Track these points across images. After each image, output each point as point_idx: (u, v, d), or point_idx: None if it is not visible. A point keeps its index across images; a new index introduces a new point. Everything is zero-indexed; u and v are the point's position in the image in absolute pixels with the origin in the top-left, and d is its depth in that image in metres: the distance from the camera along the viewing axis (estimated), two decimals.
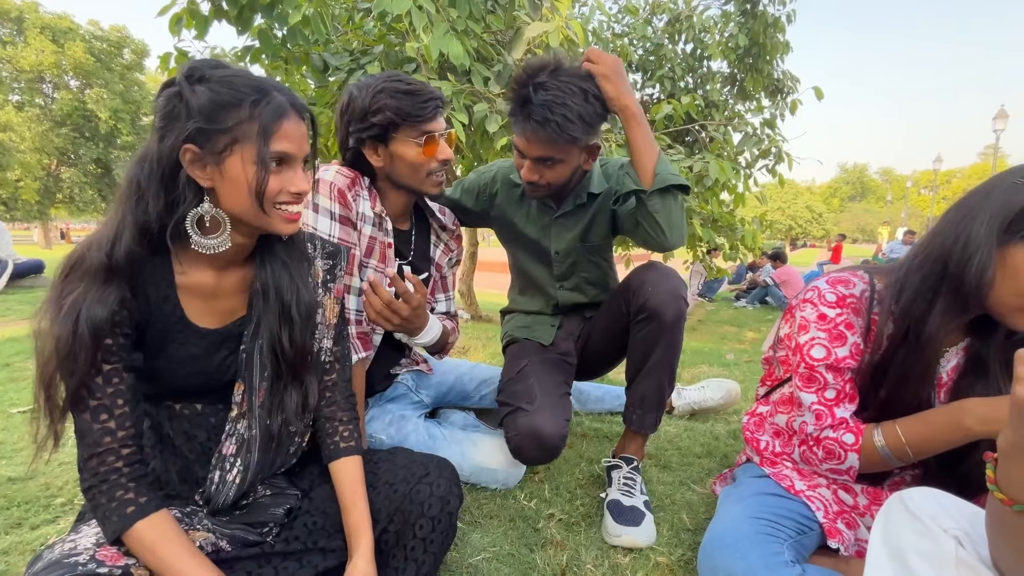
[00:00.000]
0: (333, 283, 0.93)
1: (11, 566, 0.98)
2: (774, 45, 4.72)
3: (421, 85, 1.15)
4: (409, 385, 1.52)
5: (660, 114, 3.66)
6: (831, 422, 0.97)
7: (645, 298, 1.24)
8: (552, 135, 1.16)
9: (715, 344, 3.92)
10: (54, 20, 18.10)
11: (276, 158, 0.72)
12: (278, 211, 0.75)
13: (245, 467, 0.82)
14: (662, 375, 1.29)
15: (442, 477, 0.88)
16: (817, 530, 0.96)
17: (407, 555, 0.84)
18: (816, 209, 43.91)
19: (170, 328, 0.76)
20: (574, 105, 1.14)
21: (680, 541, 1.14)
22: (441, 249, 1.43)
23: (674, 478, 1.43)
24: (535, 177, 1.27)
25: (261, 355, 0.81)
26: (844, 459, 0.95)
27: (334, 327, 0.93)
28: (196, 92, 0.69)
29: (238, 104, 0.70)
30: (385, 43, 2.45)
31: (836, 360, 0.97)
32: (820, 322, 0.99)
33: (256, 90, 0.71)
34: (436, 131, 1.16)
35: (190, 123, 0.69)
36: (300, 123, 0.75)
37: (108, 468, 0.70)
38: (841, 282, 1.00)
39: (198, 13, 2.25)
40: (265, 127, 0.70)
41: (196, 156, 0.71)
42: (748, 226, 3.79)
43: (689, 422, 1.86)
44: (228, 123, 0.70)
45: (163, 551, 0.68)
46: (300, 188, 0.75)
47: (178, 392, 0.80)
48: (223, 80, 0.71)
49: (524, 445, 1.20)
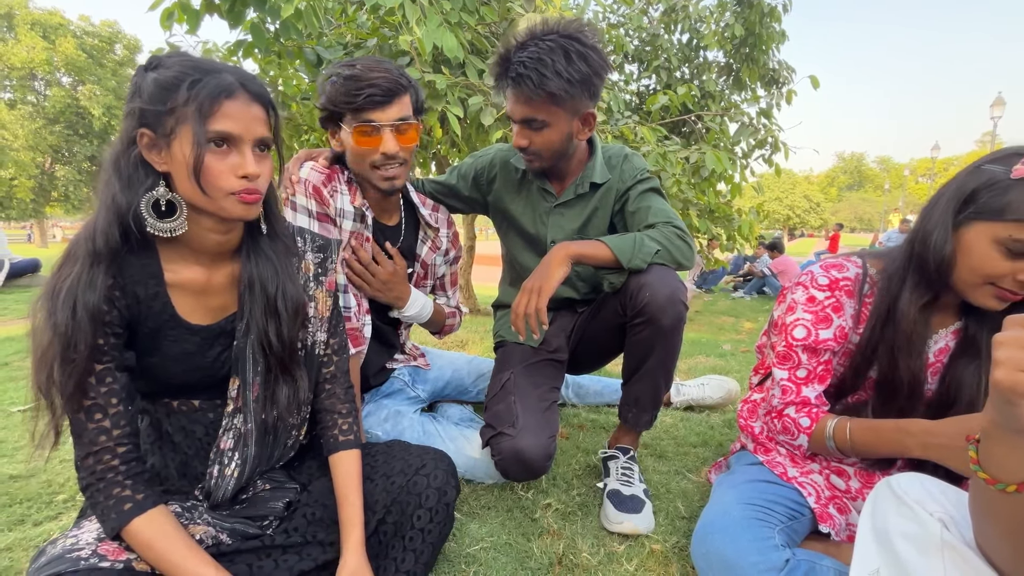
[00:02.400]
0: (325, 276, 0.93)
1: (15, 562, 1.00)
2: (770, 34, 4.70)
3: (369, 71, 1.09)
4: (405, 380, 1.53)
5: (656, 105, 3.65)
6: (794, 399, 1.03)
7: (644, 302, 1.20)
8: (528, 92, 1.15)
9: (712, 335, 3.94)
10: (44, 16, 17.92)
11: (216, 138, 0.70)
12: (231, 199, 0.73)
13: (243, 460, 0.83)
14: (659, 378, 1.28)
15: (439, 469, 0.89)
16: (809, 515, 0.98)
17: (406, 545, 0.85)
18: (814, 199, 43.89)
19: (161, 326, 0.77)
20: (551, 61, 1.13)
21: (675, 529, 1.16)
22: (428, 246, 1.39)
23: (669, 467, 1.45)
24: (524, 142, 1.25)
25: (253, 350, 0.82)
26: (796, 438, 1.03)
27: (327, 320, 0.93)
28: (146, 78, 0.70)
29: (178, 86, 0.69)
30: (378, 36, 2.43)
31: (815, 341, 1.01)
32: (808, 304, 1.02)
33: (200, 71, 0.70)
34: (375, 121, 1.10)
35: (142, 113, 0.70)
36: (250, 105, 0.72)
37: (105, 466, 0.71)
38: (835, 266, 1.04)
39: (189, 7, 2.23)
40: (201, 106, 0.69)
41: (151, 140, 0.71)
42: (745, 216, 3.80)
43: (685, 412, 1.88)
44: (169, 104, 0.69)
45: (160, 546, 0.70)
46: (246, 170, 0.72)
47: (175, 389, 0.81)
48: (173, 65, 0.70)
49: (509, 468, 1.18)
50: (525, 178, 1.43)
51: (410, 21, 1.94)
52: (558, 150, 1.28)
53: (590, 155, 1.39)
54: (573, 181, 1.38)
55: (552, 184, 1.41)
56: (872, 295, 1.01)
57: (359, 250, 1.19)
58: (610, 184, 1.39)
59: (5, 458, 1.43)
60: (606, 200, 1.39)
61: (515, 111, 1.23)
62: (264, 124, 0.74)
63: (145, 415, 0.82)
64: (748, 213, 3.91)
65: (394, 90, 1.10)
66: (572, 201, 1.40)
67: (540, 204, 1.43)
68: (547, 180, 1.41)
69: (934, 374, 1.01)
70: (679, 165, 3.22)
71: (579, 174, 1.38)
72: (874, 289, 1.01)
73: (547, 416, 1.24)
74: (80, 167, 19.18)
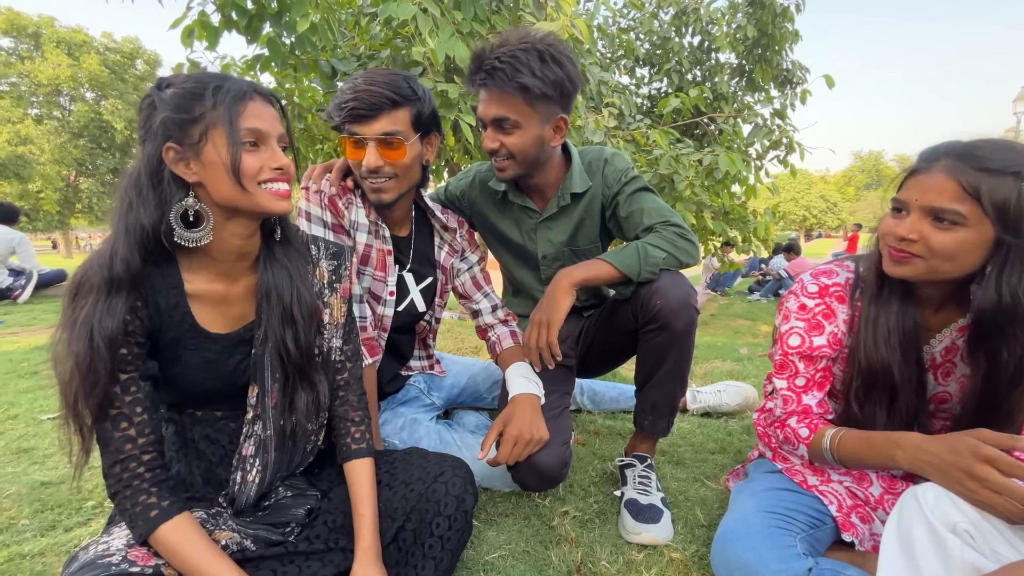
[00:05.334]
0: (339, 283, 0.95)
1: (48, 567, 1.03)
2: (783, 35, 4.66)
3: (364, 83, 1.09)
4: (421, 387, 1.54)
5: (668, 108, 3.64)
6: (796, 408, 1.03)
7: (656, 308, 1.19)
8: (500, 85, 1.14)
9: (728, 338, 3.89)
10: (69, 34, 18.50)
11: (248, 136, 0.74)
12: (263, 190, 0.76)
13: (264, 466, 0.85)
14: (674, 384, 1.27)
15: (457, 476, 0.90)
16: (831, 524, 0.96)
17: (425, 552, 0.86)
18: (831, 199, 43.21)
19: (183, 335, 0.79)
20: (526, 59, 1.13)
21: (694, 537, 1.15)
22: (446, 251, 1.38)
23: (687, 474, 1.43)
24: (495, 145, 1.22)
25: (271, 358, 0.83)
26: (797, 448, 1.02)
27: (342, 326, 0.95)
28: (164, 95, 0.73)
29: (201, 93, 0.72)
30: (391, 47, 2.47)
31: (810, 348, 1.01)
32: (800, 312, 1.03)
33: (217, 78, 0.75)
34: (359, 134, 1.11)
35: (164, 129, 0.72)
36: (267, 105, 0.77)
37: (131, 474, 0.73)
38: (824, 273, 1.04)
39: (209, 24, 2.30)
40: (230, 108, 0.73)
41: (178, 153, 0.73)
42: (760, 218, 3.75)
43: (702, 418, 1.86)
44: (196, 112, 0.72)
45: (186, 552, 0.71)
46: (280, 163, 0.76)
47: (198, 398, 0.83)
48: (187, 79, 0.75)
49: (526, 479, 1.18)
50: (506, 198, 1.40)
51: (423, 32, 1.97)
52: (530, 156, 1.24)
53: (568, 164, 1.37)
54: (555, 194, 1.36)
55: (534, 200, 1.39)
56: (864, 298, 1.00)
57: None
58: (593, 191, 1.36)
59: (36, 465, 1.48)
60: (592, 208, 1.37)
61: (487, 111, 1.20)
62: (280, 122, 0.79)
63: (171, 423, 0.84)
64: (763, 214, 3.86)
65: (379, 105, 1.08)
66: (556, 215, 1.38)
67: (525, 221, 1.41)
68: (527, 197, 1.38)
69: (945, 375, 0.99)
70: (692, 167, 3.20)
71: (559, 186, 1.35)
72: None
73: (559, 423, 1.24)
74: (103, 179, 19.70)
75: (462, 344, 3.12)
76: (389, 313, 1.29)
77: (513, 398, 1.17)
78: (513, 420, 1.12)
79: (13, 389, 2.14)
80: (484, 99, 1.20)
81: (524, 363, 1.27)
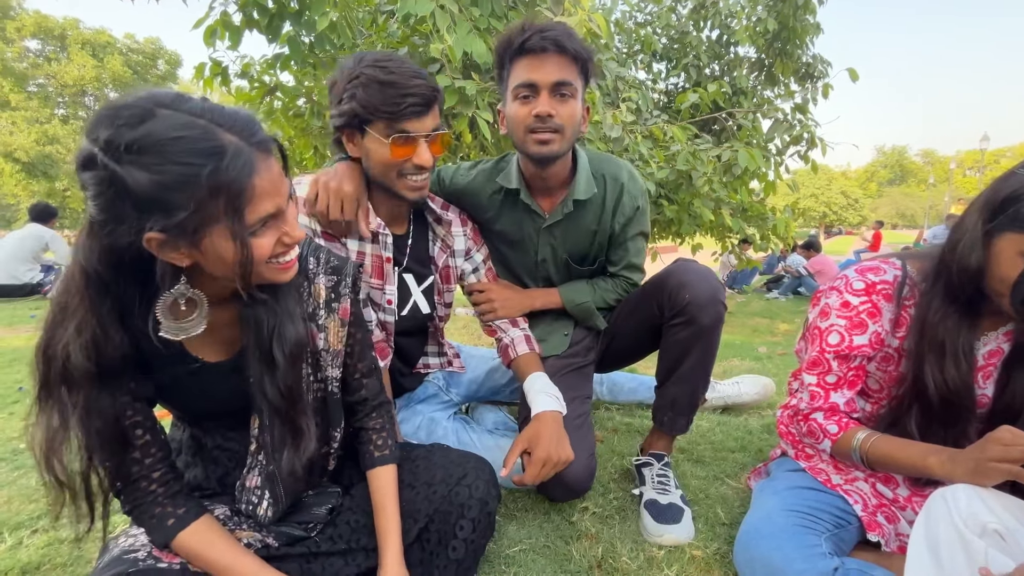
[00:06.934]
0: (337, 303, 0.84)
1: (85, 551, 1.07)
2: (804, 28, 4.56)
3: (406, 76, 1.00)
4: (440, 384, 1.53)
5: (686, 103, 3.60)
6: (823, 404, 1.01)
7: (685, 301, 1.18)
8: (562, 47, 1.11)
9: (746, 337, 3.85)
10: (94, 35, 18.92)
11: (260, 224, 0.63)
12: (269, 265, 0.68)
13: (275, 499, 0.80)
14: (696, 380, 1.26)
15: (480, 479, 0.88)
16: (856, 524, 0.95)
17: (449, 555, 0.86)
18: (852, 195, 42.29)
19: (174, 364, 0.74)
20: (571, 34, 1.14)
21: (715, 535, 1.14)
22: (439, 246, 1.29)
23: (708, 472, 1.43)
24: (549, 110, 1.13)
25: None
26: (820, 442, 1.01)
27: (342, 353, 0.86)
28: (132, 175, 0.55)
29: (191, 181, 0.56)
30: (409, 45, 2.48)
31: (849, 347, 0.99)
32: (843, 309, 1.00)
33: (204, 154, 0.57)
34: (412, 132, 1.02)
35: (142, 218, 0.57)
36: (270, 165, 0.63)
37: (142, 492, 0.73)
38: (871, 269, 1.01)
39: (231, 24, 2.34)
40: (234, 200, 0.59)
41: (165, 241, 0.60)
42: (780, 215, 3.70)
43: (722, 416, 1.85)
44: (189, 205, 0.57)
45: (207, 555, 0.72)
46: (294, 237, 0.68)
47: (201, 416, 0.82)
48: (155, 149, 0.55)
49: (553, 493, 1.18)
50: (513, 196, 1.33)
51: (440, 29, 1.98)
52: (573, 133, 1.20)
53: (573, 168, 1.32)
54: (561, 200, 1.31)
55: (540, 202, 1.33)
56: (912, 298, 0.97)
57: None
58: (601, 201, 1.32)
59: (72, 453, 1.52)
60: (601, 219, 1.34)
61: (546, 75, 1.13)
62: (284, 177, 0.66)
63: (184, 426, 0.84)
64: (783, 211, 3.80)
65: (431, 99, 1.04)
66: (561, 222, 1.34)
67: (528, 224, 1.36)
68: (533, 196, 1.32)
69: (986, 378, 0.97)
70: (710, 164, 3.16)
71: (564, 194, 1.31)
72: (915, 292, 0.97)
73: (582, 433, 1.22)
74: None
75: (478, 340, 3.14)
76: (391, 320, 1.22)
77: (536, 416, 1.13)
78: (540, 442, 1.07)
79: None
80: (542, 63, 1.13)
81: (543, 375, 1.23)
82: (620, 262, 1.41)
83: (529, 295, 1.43)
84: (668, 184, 3.21)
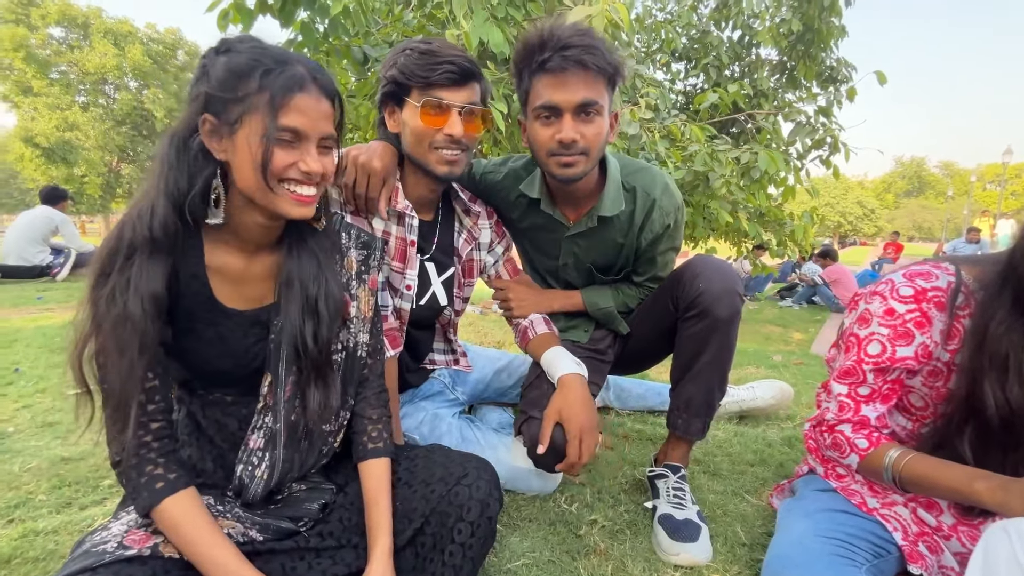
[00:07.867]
0: (368, 274, 0.89)
1: (60, 545, 1.01)
2: (829, 30, 4.44)
3: (446, 49, 1.05)
4: (445, 382, 1.49)
5: (705, 103, 3.49)
6: (851, 416, 0.93)
7: (697, 292, 1.14)
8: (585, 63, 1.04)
9: (760, 344, 3.75)
10: (116, 24, 19.19)
11: (285, 134, 0.69)
12: (285, 189, 0.71)
13: (272, 463, 0.80)
14: (712, 377, 1.19)
15: (481, 479, 0.84)
16: (895, 553, 0.86)
17: (445, 560, 0.80)
18: (868, 204, 41.68)
19: (198, 306, 0.75)
20: (597, 40, 1.07)
21: (736, 557, 1.06)
22: (464, 237, 1.27)
23: (725, 487, 1.34)
24: (574, 136, 1.07)
25: (287, 348, 0.78)
26: (846, 456, 0.93)
27: (370, 320, 0.90)
28: (217, 62, 0.68)
29: (250, 73, 0.67)
30: (424, 33, 2.42)
31: (891, 359, 0.89)
32: (886, 317, 0.90)
33: (274, 60, 0.69)
34: (444, 100, 1.03)
35: (207, 100, 0.68)
36: (320, 100, 0.71)
37: (138, 441, 0.69)
38: (921, 275, 0.90)
39: (244, 8, 2.28)
40: (275, 98, 0.67)
41: (213, 127, 0.69)
42: (799, 221, 3.58)
43: (738, 427, 1.76)
44: (239, 92, 0.67)
45: (187, 529, 0.68)
46: (311, 168, 0.71)
47: (208, 377, 0.79)
48: (245, 51, 0.69)
49: (549, 463, 1.11)
50: (532, 203, 1.28)
51: (457, 15, 1.91)
52: (600, 151, 1.14)
53: (602, 179, 1.24)
54: (587, 212, 1.24)
55: (564, 211, 1.27)
56: (967, 307, 0.87)
57: None
58: (630, 216, 1.24)
59: (59, 439, 1.48)
60: (628, 233, 1.26)
61: (571, 95, 1.06)
62: (330, 120, 0.74)
63: (182, 405, 0.80)
64: (801, 217, 3.69)
65: (470, 72, 1.05)
66: (585, 233, 1.27)
67: (551, 230, 1.31)
68: (557, 208, 1.27)
69: None
70: (729, 165, 3.06)
71: (591, 205, 1.24)
72: (970, 300, 0.87)
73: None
74: (143, 166, 20.41)
75: (484, 339, 3.07)
76: (407, 307, 1.19)
77: (561, 380, 1.13)
78: (571, 414, 1.07)
79: (44, 363, 2.18)
80: (563, 82, 1.06)
81: (562, 348, 1.22)
82: (646, 274, 1.36)
83: (548, 296, 1.38)
84: (684, 185, 3.12)
